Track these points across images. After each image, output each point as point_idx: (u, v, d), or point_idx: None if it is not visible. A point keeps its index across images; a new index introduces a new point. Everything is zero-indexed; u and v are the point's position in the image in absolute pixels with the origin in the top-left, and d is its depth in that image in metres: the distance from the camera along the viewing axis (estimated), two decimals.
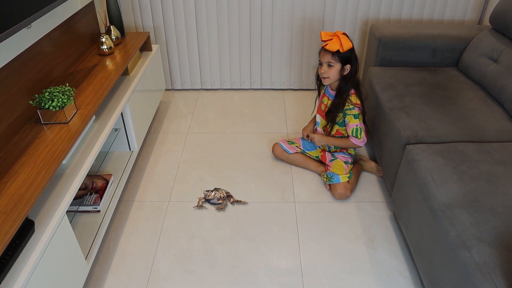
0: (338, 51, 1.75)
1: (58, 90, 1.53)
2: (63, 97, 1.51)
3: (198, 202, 1.89)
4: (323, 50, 1.80)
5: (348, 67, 1.81)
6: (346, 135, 1.97)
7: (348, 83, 1.84)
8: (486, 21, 2.49)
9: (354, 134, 1.89)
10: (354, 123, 1.87)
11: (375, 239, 1.71)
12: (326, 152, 2.04)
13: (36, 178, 1.27)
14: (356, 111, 1.85)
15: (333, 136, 1.99)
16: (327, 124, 1.98)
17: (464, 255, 1.14)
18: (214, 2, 2.53)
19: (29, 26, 1.40)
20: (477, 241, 1.15)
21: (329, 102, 1.94)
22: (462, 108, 1.77)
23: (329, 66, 1.81)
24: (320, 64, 1.84)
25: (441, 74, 2.07)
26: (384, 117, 1.85)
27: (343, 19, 2.58)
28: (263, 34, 2.65)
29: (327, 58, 1.79)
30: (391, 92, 1.92)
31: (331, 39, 1.76)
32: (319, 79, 1.93)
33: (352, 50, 1.79)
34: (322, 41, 1.80)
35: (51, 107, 1.49)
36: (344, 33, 1.78)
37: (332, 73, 1.82)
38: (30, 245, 1.18)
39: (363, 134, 1.89)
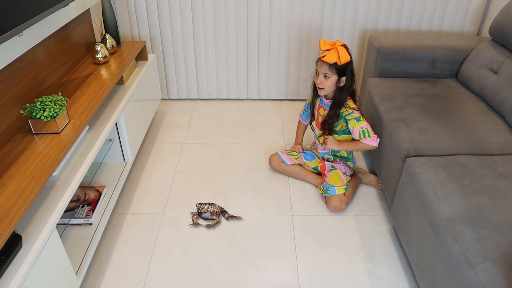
0: (335, 63, 1.73)
1: (50, 99, 1.50)
2: (55, 106, 1.47)
3: (193, 219, 1.83)
4: (321, 60, 1.78)
5: (344, 79, 1.79)
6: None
7: (343, 94, 1.81)
8: (485, 33, 2.49)
9: (363, 137, 1.82)
10: (358, 126, 1.81)
11: (375, 254, 1.67)
12: (326, 162, 2.00)
13: (25, 191, 1.22)
14: (356, 114, 1.82)
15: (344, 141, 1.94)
16: (323, 135, 1.94)
17: (469, 273, 1.10)
18: (212, 12, 2.52)
19: (21, 34, 1.36)
20: (482, 258, 1.11)
21: (325, 112, 1.91)
22: (462, 120, 1.74)
23: (326, 77, 1.79)
24: (317, 73, 1.82)
25: (440, 85, 2.05)
26: (383, 128, 1.82)
27: (341, 29, 2.57)
28: (261, 44, 2.63)
29: (324, 69, 1.77)
30: (390, 103, 1.89)
31: (330, 50, 1.73)
32: (315, 89, 1.91)
33: (349, 63, 1.77)
34: (321, 50, 1.77)
35: (42, 117, 1.45)
36: (343, 45, 1.76)
37: (328, 84, 1.80)
38: (17, 260, 1.13)
39: (372, 133, 1.81)
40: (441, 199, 1.32)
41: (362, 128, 1.81)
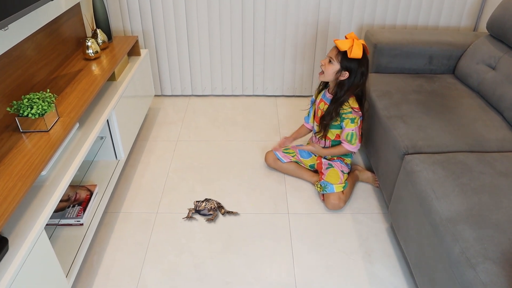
0: (345, 53, 1.70)
1: (37, 96, 1.45)
2: (43, 104, 1.42)
3: (188, 213, 1.81)
4: (335, 45, 1.77)
5: (346, 74, 1.74)
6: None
7: (345, 93, 1.77)
8: (482, 28, 2.46)
9: (348, 139, 1.84)
10: (350, 128, 1.82)
11: (372, 253, 1.64)
12: (323, 160, 1.97)
13: (11, 192, 1.18)
14: (353, 115, 1.80)
15: (326, 147, 1.95)
16: (320, 131, 1.91)
17: (469, 274, 1.07)
18: (206, 6, 2.47)
19: (6, 28, 1.31)
20: (482, 258, 1.09)
21: (326, 107, 1.87)
22: (461, 117, 1.71)
23: (330, 61, 1.76)
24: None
25: (438, 81, 2.02)
26: (380, 125, 1.79)
27: (337, 25, 2.53)
28: (256, 39, 2.59)
29: (332, 53, 1.76)
30: (387, 100, 1.86)
31: (347, 39, 1.72)
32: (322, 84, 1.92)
33: (360, 64, 1.73)
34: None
35: (30, 115, 1.40)
36: (364, 44, 1.73)
37: (328, 70, 1.78)
38: (3, 264, 1.09)
39: (357, 140, 1.84)
40: (440, 197, 1.29)
41: (352, 130, 1.82)
